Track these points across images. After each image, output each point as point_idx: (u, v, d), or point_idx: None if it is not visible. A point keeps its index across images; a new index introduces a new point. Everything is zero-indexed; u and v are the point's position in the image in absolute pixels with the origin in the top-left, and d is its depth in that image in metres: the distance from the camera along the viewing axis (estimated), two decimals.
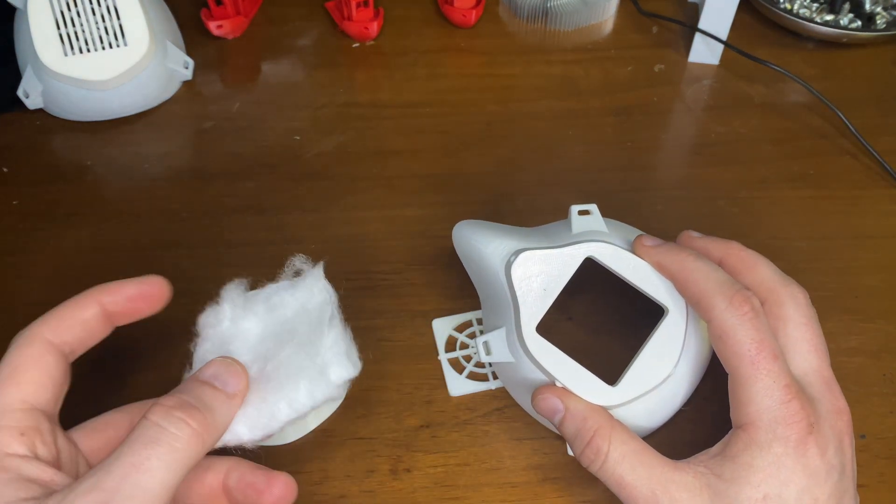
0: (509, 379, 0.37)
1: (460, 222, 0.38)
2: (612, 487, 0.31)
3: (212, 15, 0.59)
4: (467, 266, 0.39)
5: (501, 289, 0.35)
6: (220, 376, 0.29)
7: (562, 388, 0.33)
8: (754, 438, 0.29)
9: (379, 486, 0.36)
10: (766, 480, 0.28)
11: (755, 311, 0.30)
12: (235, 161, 0.51)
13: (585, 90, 0.56)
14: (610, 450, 0.30)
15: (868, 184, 0.50)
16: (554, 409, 0.32)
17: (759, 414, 0.29)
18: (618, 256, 0.34)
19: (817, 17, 0.61)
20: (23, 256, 0.45)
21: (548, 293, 0.34)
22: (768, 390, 0.29)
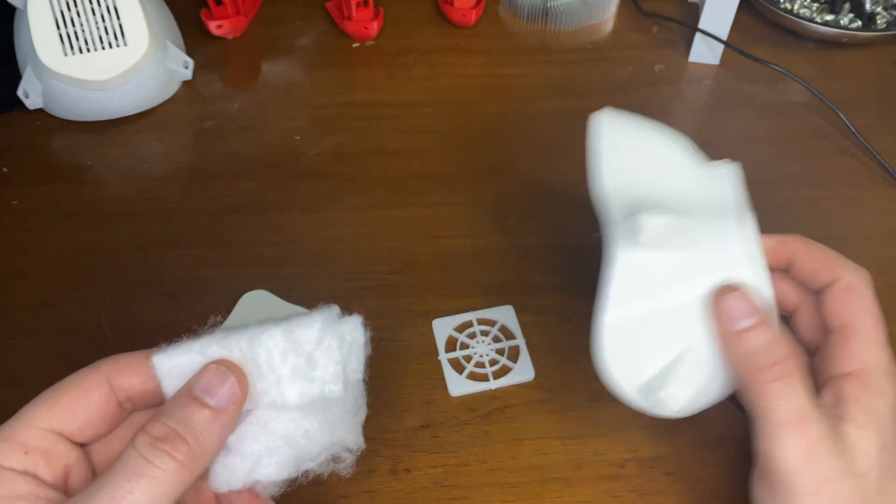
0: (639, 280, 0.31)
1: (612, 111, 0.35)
2: (784, 415, 0.28)
3: (212, 15, 0.59)
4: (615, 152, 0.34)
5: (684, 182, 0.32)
6: (213, 388, 0.25)
7: (758, 301, 0.30)
8: (871, 384, 0.29)
9: (379, 486, 0.36)
10: (885, 428, 0.29)
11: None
12: (235, 161, 0.51)
13: (585, 90, 0.56)
14: (799, 378, 0.29)
15: (868, 184, 0.50)
16: (749, 310, 0.29)
17: (875, 362, 0.30)
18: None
19: (817, 17, 0.61)
20: (23, 256, 0.45)
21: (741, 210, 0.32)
22: (882, 345, 0.30)
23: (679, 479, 0.36)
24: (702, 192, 0.32)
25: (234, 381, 0.25)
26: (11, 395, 0.39)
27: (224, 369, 0.26)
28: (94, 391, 0.26)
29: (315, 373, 0.25)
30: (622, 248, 0.30)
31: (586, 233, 0.43)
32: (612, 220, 0.32)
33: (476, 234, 0.46)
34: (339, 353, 0.25)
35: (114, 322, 0.42)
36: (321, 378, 0.25)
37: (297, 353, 0.25)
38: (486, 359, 0.40)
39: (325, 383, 0.25)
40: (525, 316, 0.42)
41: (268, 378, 0.25)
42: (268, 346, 0.25)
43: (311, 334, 0.25)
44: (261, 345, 0.25)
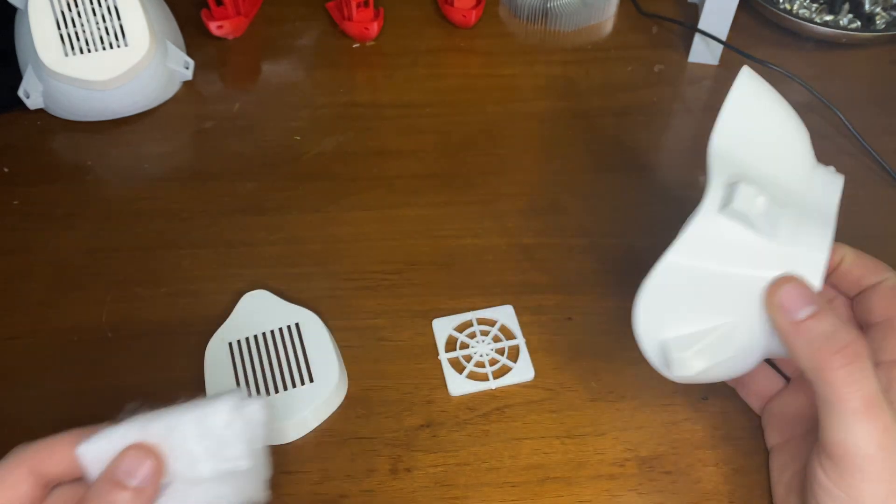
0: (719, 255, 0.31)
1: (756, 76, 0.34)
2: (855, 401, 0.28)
3: (212, 15, 0.59)
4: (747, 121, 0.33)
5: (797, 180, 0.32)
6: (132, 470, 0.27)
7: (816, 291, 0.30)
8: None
9: (379, 486, 0.36)
10: None
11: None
12: (235, 161, 0.51)
13: (585, 90, 0.56)
14: (866, 365, 0.28)
15: (867, 184, 0.50)
16: (810, 299, 0.29)
17: None
18: None
19: (817, 18, 0.61)
20: (23, 256, 0.45)
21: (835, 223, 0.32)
22: None
23: (679, 478, 0.36)
24: (806, 189, 0.32)
25: (151, 462, 0.27)
26: (11, 395, 0.39)
27: (141, 453, 0.27)
28: (21, 485, 0.27)
29: (225, 452, 0.28)
30: (709, 208, 0.31)
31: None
32: (712, 176, 0.31)
33: (476, 234, 0.46)
34: (245, 433, 0.28)
35: (114, 322, 0.42)
36: (231, 456, 0.28)
37: (209, 436, 0.27)
38: (486, 358, 0.40)
39: (234, 459, 0.28)
40: (525, 316, 0.42)
41: (183, 458, 0.27)
42: (182, 432, 0.27)
43: (220, 419, 0.27)
44: (175, 430, 0.27)
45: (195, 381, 0.39)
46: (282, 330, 0.40)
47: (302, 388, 0.38)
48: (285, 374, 0.38)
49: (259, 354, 0.39)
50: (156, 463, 0.27)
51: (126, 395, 0.39)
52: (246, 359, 0.39)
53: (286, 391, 0.38)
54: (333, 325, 0.42)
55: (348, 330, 0.42)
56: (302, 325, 0.40)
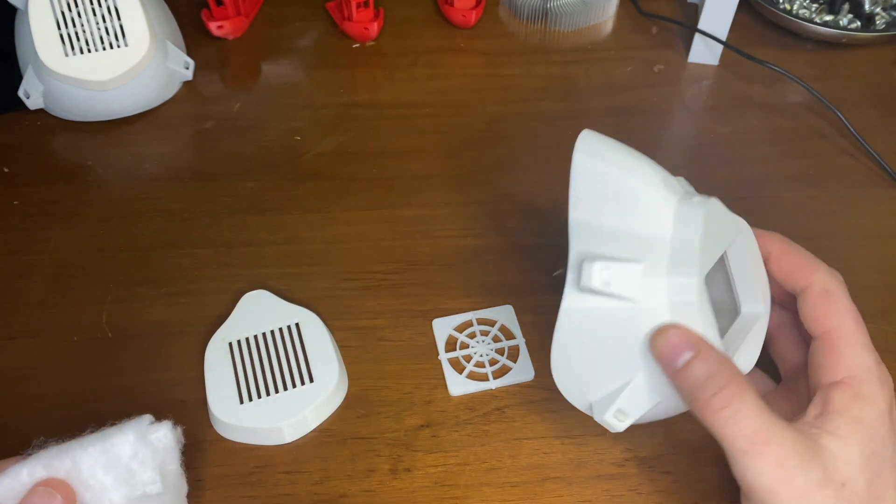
0: (587, 313, 0.32)
1: (594, 135, 0.33)
2: (740, 442, 0.28)
3: (212, 15, 0.59)
4: (590, 184, 0.33)
5: (653, 223, 0.31)
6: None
7: (695, 333, 0.30)
8: (859, 392, 0.29)
9: (379, 486, 0.36)
10: (874, 437, 0.28)
11: None
12: (236, 161, 0.51)
13: (585, 90, 0.56)
14: (749, 402, 0.28)
15: (867, 184, 0.50)
16: (682, 347, 0.30)
17: (861, 369, 0.29)
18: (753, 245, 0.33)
19: (817, 18, 0.61)
20: (24, 256, 0.45)
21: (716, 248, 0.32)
22: (867, 348, 0.30)
23: (678, 478, 0.36)
24: (664, 232, 0.31)
25: (60, 498, 0.28)
26: (12, 395, 0.39)
27: (50, 490, 0.27)
28: None
29: (134, 479, 0.29)
30: (570, 288, 0.32)
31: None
32: (570, 254, 0.32)
33: (476, 234, 0.46)
34: (153, 460, 0.29)
35: (114, 322, 0.42)
36: (140, 482, 0.29)
37: (117, 465, 0.28)
38: (485, 358, 0.40)
39: (144, 485, 0.29)
40: (525, 316, 0.42)
41: (94, 488, 0.28)
42: (89, 464, 0.28)
43: (126, 449, 0.28)
44: (82, 463, 0.28)
45: (195, 381, 0.39)
46: (282, 330, 0.40)
47: (302, 388, 0.38)
48: (285, 374, 0.38)
49: (259, 354, 0.39)
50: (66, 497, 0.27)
51: (126, 395, 0.39)
52: (246, 359, 0.39)
53: (286, 391, 0.38)
54: (333, 325, 0.42)
55: (348, 330, 0.42)
56: (302, 325, 0.40)
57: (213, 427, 0.38)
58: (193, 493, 0.35)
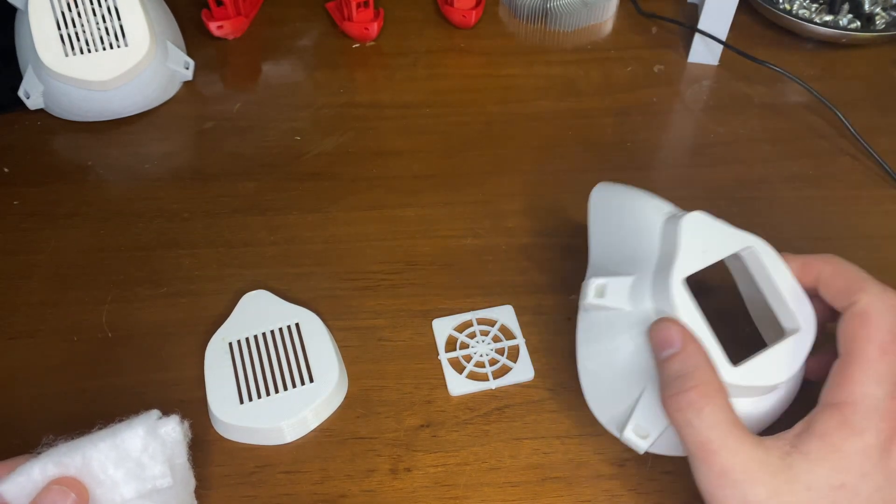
0: (599, 330, 0.35)
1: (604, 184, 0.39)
2: (690, 446, 0.29)
3: (212, 15, 0.59)
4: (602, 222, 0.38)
5: (649, 242, 0.35)
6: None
7: (686, 329, 0.31)
8: (849, 420, 0.28)
9: (379, 486, 0.36)
10: (850, 468, 0.27)
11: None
12: (236, 161, 0.51)
13: (585, 90, 0.56)
14: (706, 410, 0.29)
15: (867, 184, 0.50)
16: (669, 341, 0.31)
17: (863, 398, 0.28)
18: (774, 259, 0.34)
19: (816, 18, 0.61)
20: (24, 256, 0.45)
21: (706, 256, 0.33)
22: (881, 378, 0.28)
23: (678, 478, 0.36)
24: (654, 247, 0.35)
25: (74, 496, 0.28)
26: (12, 395, 0.39)
27: (64, 488, 0.28)
28: None
29: (145, 473, 0.29)
30: (580, 317, 0.36)
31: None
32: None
33: (476, 234, 0.46)
34: (163, 453, 0.29)
35: (114, 322, 0.42)
36: (151, 476, 0.29)
37: (127, 460, 0.29)
38: (485, 358, 0.40)
39: (154, 479, 0.29)
40: (525, 316, 0.42)
41: (105, 484, 0.28)
42: (100, 460, 0.28)
43: (136, 443, 0.29)
44: (93, 459, 0.28)
45: (195, 381, 0.39)
46: (282, 330, 0.40)
47: (302, 388, 0.38)
48: (285, 374, 0.38)
49: (259, 354, 0.39)
50: (79, 494, 0.28)
51: (126, 395, 0.39)
52: (246, 359, 0.39)
53: (286, 391, 0.38)
54: (333, 325, 0.42)
55: (348, 330, 0.42)
56: (302, 325, 0.40)
57: (213, 427, 0.38)
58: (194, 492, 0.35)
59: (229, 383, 0.38)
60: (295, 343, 0.40)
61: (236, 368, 0.39)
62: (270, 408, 0.37)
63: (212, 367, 0.39)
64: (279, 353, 0.39)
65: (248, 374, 0.38)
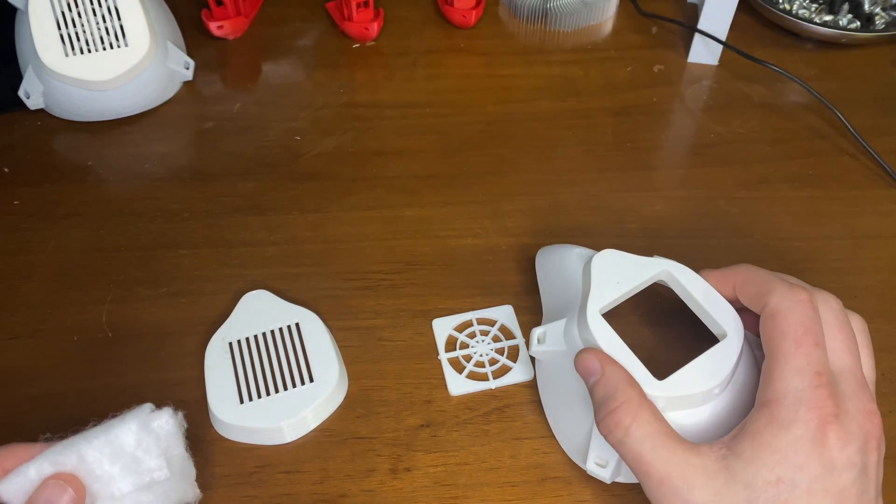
0: (551, 372, 0.38)
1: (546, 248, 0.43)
2: (628, 461, 0.31)
3: (212, 15, 0.59)
4: (545, 279, 0.42)
5: (575, 286, 0.37)
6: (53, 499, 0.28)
7: (606, 354, 0.33)
8: (776, 416, 0.29)
9: (379, 486, 0.36)
10: (782, 462, 0.28)
11: (811, 302, 0.31)
12: (236, 161, 0.51)
13: (585, 91, 0.56)
14: (633, 425, 0.30)
15: (867, 184, 0.50)
16: (592, 370, 0.32)
17: (786, 392, 0.29)
18: (690, 277, 0.35)
19: (816, 18, 0.61)
20: (24, 256, 0.45)
21: (620, 286, 0.35)
22: (801, 371, 0.29)
23: None
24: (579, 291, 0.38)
25: (71, 490, 0.28)
26: (12, 395, 0.39)
27: (61, 482, 0.28)
28: None
29: (141, 467, 0.29)
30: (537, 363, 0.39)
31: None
32: None
33: (476, 234, 0.46)
34: (157, 446, 0.30)
35: (114, 322, 0.42)
36: (147, 469, 0.30)
37: (122, 455, 0.29)
38: (485, 358, 0.40)
39: (151, 472, 0.30)
40: (525, 316, 0.42)
41: (102, 479, 0.29)
42: (95, 457, 0.29)
43: (129, 439, 0.29)
44: (88, 456, 0.29)
45: (195, 381, 0.39)
46: (282, 330, 0.40)
47: (302, 387, 0.38)
48: (285, 374, 0.38)
49: (259, 354, 0.39)
50: (76, 489, 0.28)
51: (126, 395, 0.39)
52: (246, 359, 0.39)
53: (286, 391, 0.38)
54: (333, 325, 0.42)
55: (348, 330, 0.42)
56: (302, 325, 0.40)
57: (213, 427, 0.38)
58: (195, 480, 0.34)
59: (229, 383, 0.38)
60: (295, 343, 0.40)
61: (236, 368, 0.39)
62: (270, 408, 0.37)
63: (212, 367, 0.39)
64: (279, 353, 0.39)
65: (248, 374, 0.38)
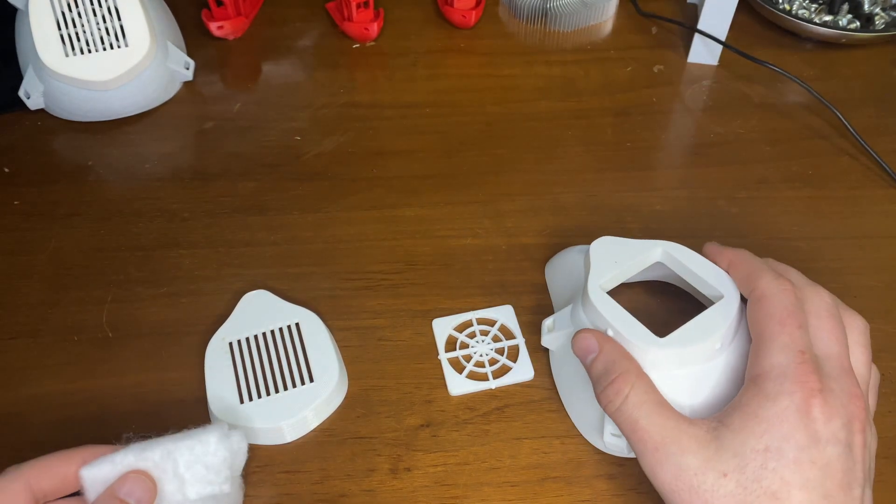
0: (563, 358, 0.39)
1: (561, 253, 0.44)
2: (625, 430, 0.32)
3: (212, 16, 0.59)
4: (553, 282, 0.43)
5: (580, 279, 0.39)
6: (133, 491, 0.30)
7: (602, 333, 0.34)
8: (762, 389, 0.30)
9: (379, 486, 0.36)
10: (769, 431, 0.29)
11: (795, 290, 0.33)
12: (236, 161, 0.51)
13: (585, 91, 0.57)
14: (630, 393, 0.32)
15: (866, 184, 0.50)
16: (589, 348, 0.34)
17: (772, 367, 0.30)
18: (687, 253, 0.37)
19: (816, 18, 0.61)
20: (24, 256, 0.45)
21: (618, 265, 0.37)
22: (786, 349, 0.31)
23: None
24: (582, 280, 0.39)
25: (149, 485, 0.31)
26: (12, 395, 0.39)
27: (142, 477, 0.31)
28: (18, 500, 0.29)
29: (210, 477, 0.31)
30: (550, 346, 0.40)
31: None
32: None
33: (476, 234, 0.46)
34: (229, 461, 0.32)
35: (114, 322, 0.42)
36: (215, 481, 0.31)
37: (198, 462, 0.31)
38: (485, 358, 0.40)
39: (218, 484, 0.31)
40: (525, 316, 0.42)
41: (173, 482, 0.31)
42: (175, 459, 0.31)
43: (209, 448, 0.31)
44: (169, 457, 0.31)
45: (195, 381, 0.39)
46: (282, 330, 0.40)
47: (302, 387, 0.38)
48: (285, 374, 0.38)
49: (259, 354, 0.39)
50: (152, 487, 0.30)
51: (126, 395, 0.39)
52: (246, 359, 0.39)
53: (286, 391, 0.38)
54: (333, 325, 0.42)
55: (348, 330, 0.42)
56: (302, 325, 0.40)
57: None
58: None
59: (229, 383, 0.38)
60: (295, 343, 0.40)
61: (236, 368, 0.39)
62: (270, 408, 0.37)
63: (212, 367, 0.39)
64: (279, 353, 0.39)
65: (248, 374, 0.38)
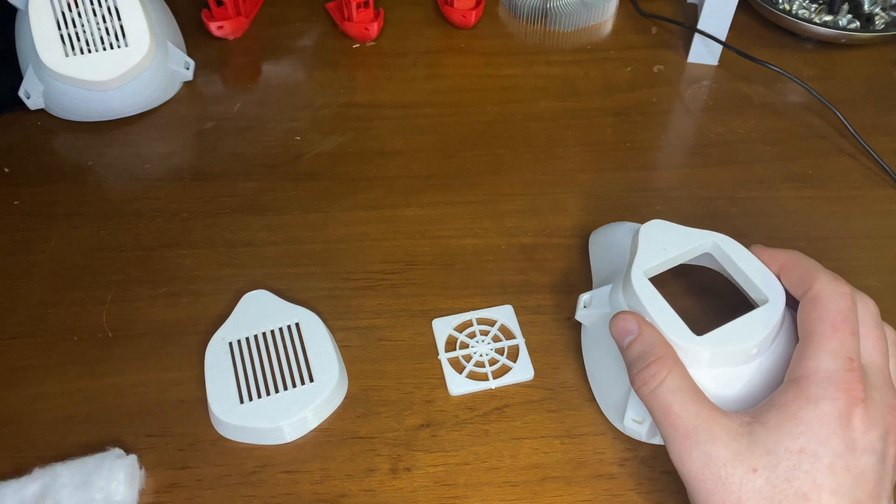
0: (595, 335, 0.39)
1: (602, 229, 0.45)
2: (656, 415, 0.32)
3: (212, 16, 0.59)
4: (595, 254, 0.44)
5: (624, 257, 0.39)
6: None
7: (641, 317, 0.34)
8: (804, 391, 0.30)
9: (379, 486, 0.36)
10: (806, 433, 0.29)
11: (852, 296, 0.32)
12: (236, 161, 0.51)
13: (585, 91, 0.57)
14: (668, 378, 0.32)
15: (866, 184, 0.50)
16: (628, 330, 0.34)
17: (818, 371, 0.30)
18: (738, 249, 0.36)
19: (816, 18, 0.61)
20: (24, 256, 0.45)
21: (666, 252, 0.37)
22: (835, 354, 0.30)
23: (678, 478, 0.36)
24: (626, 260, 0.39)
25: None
26: (12, 395, 0.39)
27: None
28: None
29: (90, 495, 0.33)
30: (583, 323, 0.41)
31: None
32: None
33: (476, 234, 0.46)
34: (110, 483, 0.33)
35: (114, 322, 0.42)
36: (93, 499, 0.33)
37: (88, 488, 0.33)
38: (485, 358, 0.40)
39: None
40: (525, 316, 0.42)
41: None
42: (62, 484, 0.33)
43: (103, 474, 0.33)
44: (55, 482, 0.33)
45: (195, 381, 0.39)
46: (282, 330, 0.40)
47: (302, 387, 0.38)
48: (285, 374, 0.38)
49: (259, 354, 0.39)
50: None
51: (126, 395, 0.39)
52: (246, 359, 0.39)
53: (286, 391, 0.38)
54: (333, 325, 0.42)
55: (348, 330, 0.42)
56: (302, 325, 0.40)
57: (214, 427, 0.38)
58: (194, 492, 0.35)
59: (229, 383, 0.38)
60: (295, 343, 0.40)
61: (236, 368, 0.39)
62: (270, 408, 0.37)
63: (212, 367, 0.39)
64: (279, 353, 0.39)
65: (248, 374, 0.38)
